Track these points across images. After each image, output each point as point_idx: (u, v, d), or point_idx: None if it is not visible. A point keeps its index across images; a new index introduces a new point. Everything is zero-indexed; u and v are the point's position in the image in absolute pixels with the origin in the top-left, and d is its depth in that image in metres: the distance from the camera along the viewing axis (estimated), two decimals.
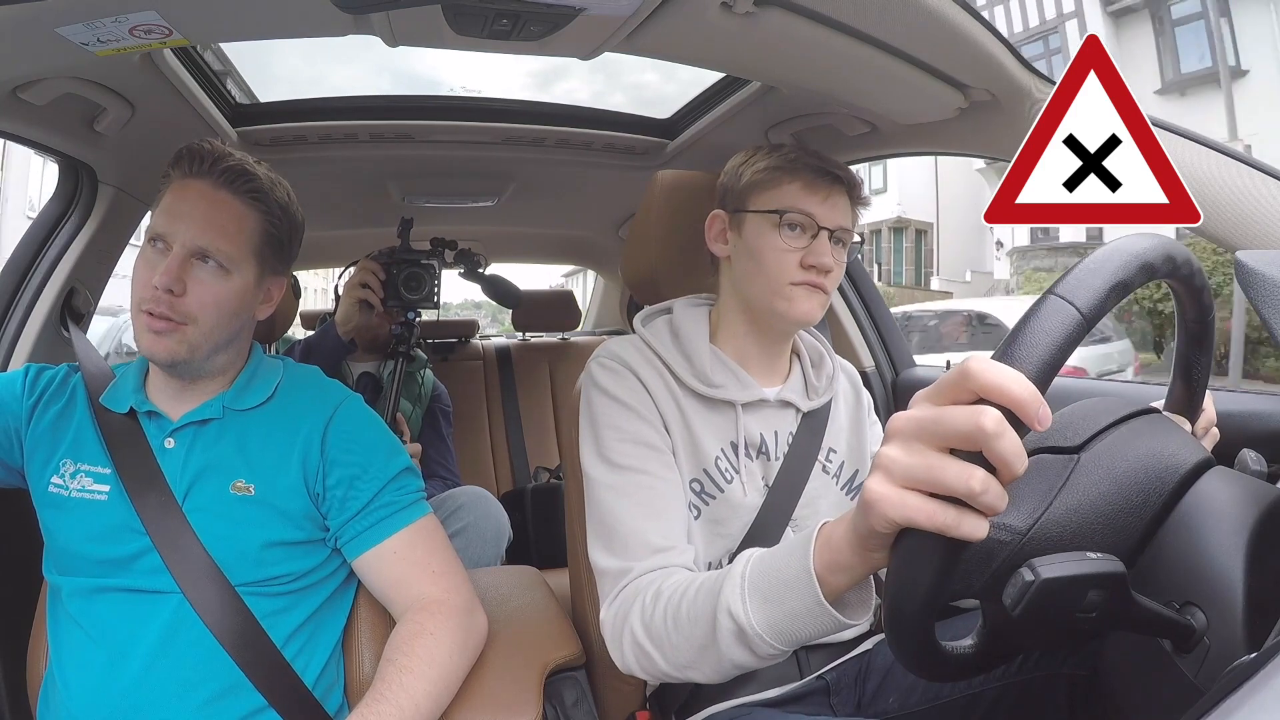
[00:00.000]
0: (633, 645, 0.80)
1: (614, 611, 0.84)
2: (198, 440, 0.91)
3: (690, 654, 0.75)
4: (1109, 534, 0.54)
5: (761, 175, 0.95)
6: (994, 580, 0.52)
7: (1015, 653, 0.64)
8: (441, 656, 0.86)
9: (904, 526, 0.48)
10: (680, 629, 0.75)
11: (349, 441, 0.93)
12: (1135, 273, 0.48)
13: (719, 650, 0.71)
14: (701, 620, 0.73)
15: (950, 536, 0.46)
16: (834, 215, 0.94)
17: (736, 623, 0.69)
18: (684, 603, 0.76)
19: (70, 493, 0.89)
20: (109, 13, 0.81)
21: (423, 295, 1.71)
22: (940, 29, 0.89)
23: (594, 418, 0.93)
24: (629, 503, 0.87)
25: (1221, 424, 0.72)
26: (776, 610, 0.66)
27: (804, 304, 0.93)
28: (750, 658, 0.71)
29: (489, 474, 2.29)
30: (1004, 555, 0.52)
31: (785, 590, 0.65)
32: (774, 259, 0.93)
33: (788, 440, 0.98)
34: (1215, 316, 0.61)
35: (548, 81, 12.76)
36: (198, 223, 0.87)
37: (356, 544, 0.91)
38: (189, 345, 0.88)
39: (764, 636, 0.67)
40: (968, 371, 0.45)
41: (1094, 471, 0.55)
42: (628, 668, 0.83)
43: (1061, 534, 0.53)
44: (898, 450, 0.48)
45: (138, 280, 0.88)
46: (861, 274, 1.76)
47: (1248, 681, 0.33)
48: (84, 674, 0.84)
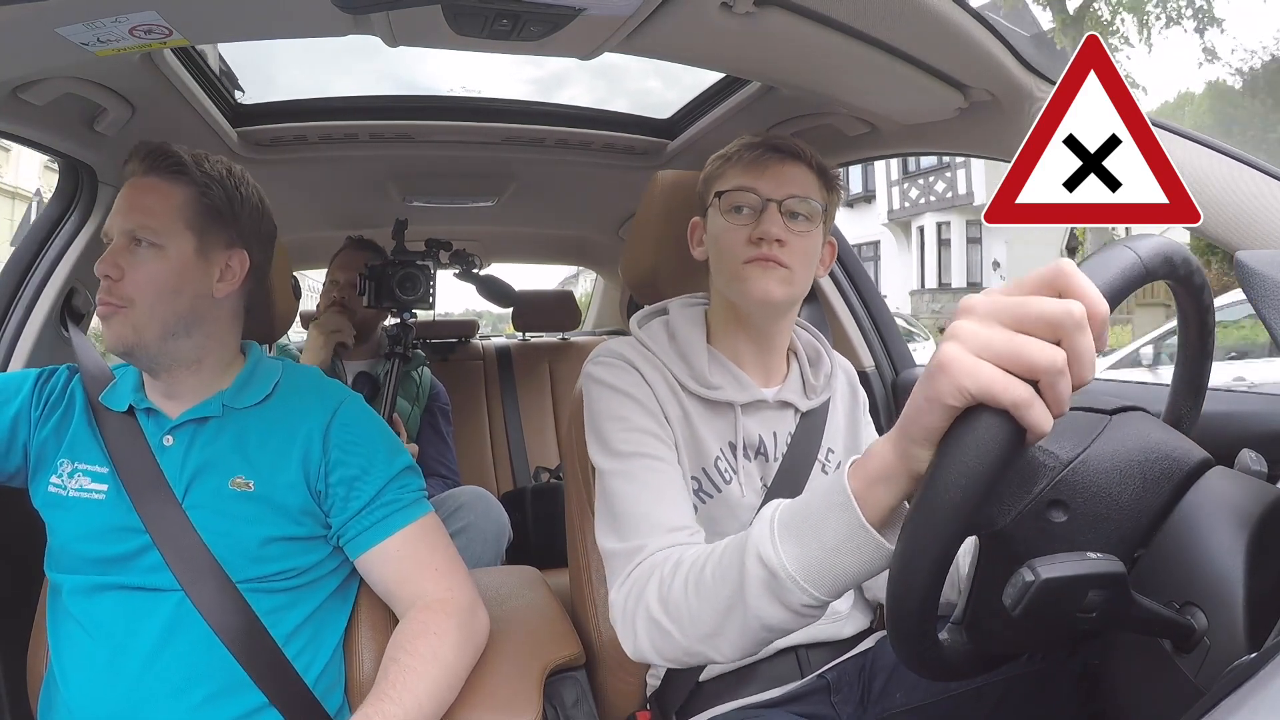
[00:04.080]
0: (647, 624, 0.75)
1: (625, 591, 0.80)
2: (197, 437, 0.91)
3: (713, 621, 0.69)
4: (1140, 491, 0.54)
5: (712, 167, 0.97)
6: (1021, 519, 0.51)
7: (1015, 653, 0.64)
8: (445, 655, 0.86)
9: (977, 397, 0.46)
10: (703, 593, 0.70)
11: (351, 440, 0.93)
12: (1159, 265, 0.51)
13: (746, 609, 0.66)
14: (728, 577, 0.67)
15: (1017, 420, 0.45)
16: (780, 186, 0.91)
17: (767, 567, 0.63)
18: (708, 565, 0.71)
19: (68, 492, 0.89)
20: (109, 13, 0.81)
21: (418, 296, 1.73)
22: (940, 29, 0.89)
23: (596, 412, 0.92)
24: (638, 487, 0.85)
25: (1221, 424, 0.72)
26: (812, 546, 0.61)
27: (760, 282, 0.90)
28: (782, 613, 0.64)
29: (489, 474, 2.29)
30: (1044, 483, 0.52)
31: (820, 521, 0.60)
32: (726, 241, 0.93)
33: (786, 441, 0.98)
34: (1215, 316, 0.61)
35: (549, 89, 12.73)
36: (125, 209, 0.90)
37: (359, 542, 0.91)
38: (133, 327, 0.88)
39: (798, 580, 0.61)
40: (1061, 268, 0.46)
41: (1126, 431, 0.56)
42: (640, 652, 0.78)
43: (1096, 480, 0.53)
44: (974, 324, 0.47)
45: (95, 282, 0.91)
46: (861, 274, 1.76)
47: (1248, 681, 0.33)
48: (85, 672, 0.84)
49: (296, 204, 1.95)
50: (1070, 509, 0.51)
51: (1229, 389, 1.04)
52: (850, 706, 0.95)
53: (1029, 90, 0.98)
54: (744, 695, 0.93)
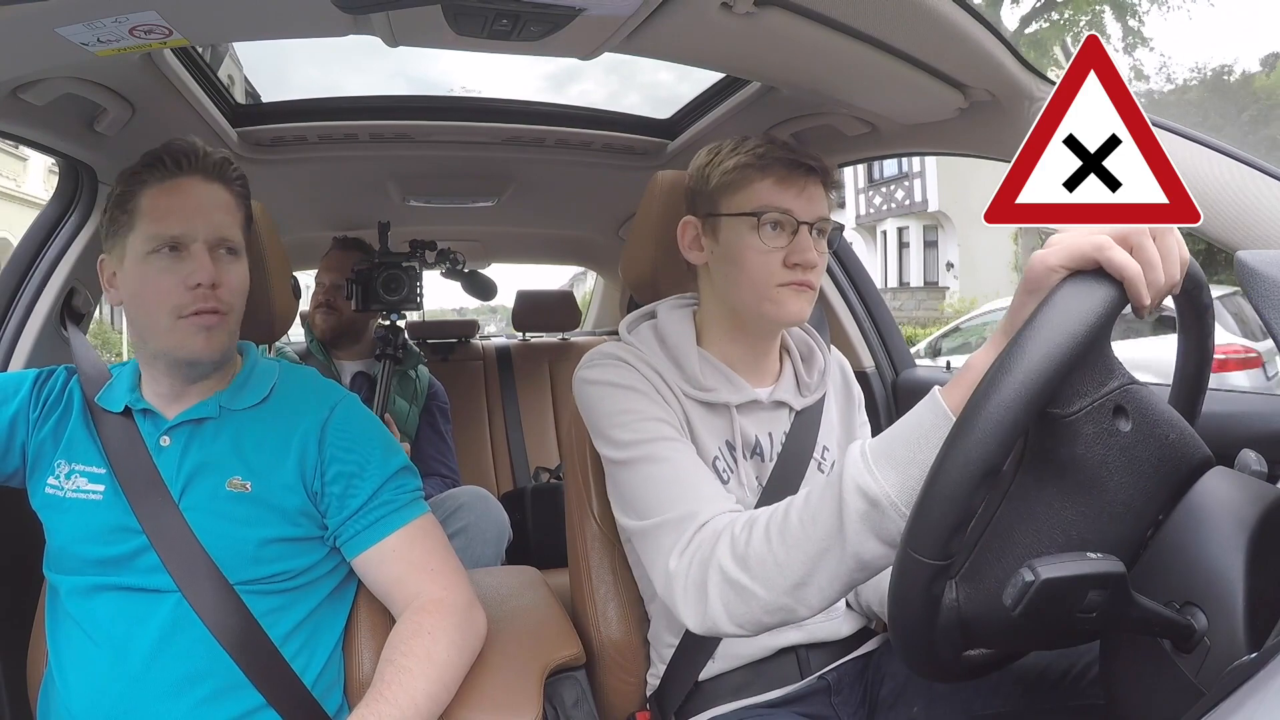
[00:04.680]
0: (721, 586, 0.72)
1: (688, 559, 0.76)
2: (194, 438, 0.91)
3: (804, 567, 0.67)
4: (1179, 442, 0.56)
5: (731, 175, 0.91)
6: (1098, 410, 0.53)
7: (1015, 653, 0.64)
8: (440, 655, 0.86)
9: (1067, 260, 0.53)
10: (790, 541, 0.68)
11: (347, 440, 0.93)
12: None
13: (844, 545, 0.64)
14: (820, 517, 0.66)
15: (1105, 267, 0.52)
16: (812, 207, 0.90)
17: (868, 497, 0.62)
18: (792, 512, 0.69)
19: (65, 493, 0.89)
20: (109, 13, 0.81)
21: (402, 297, 1.74)
22: (940, 29, 0.89)
23: (600, 412, 0.90)
24: (669, 465, 0.83)
25: (1221, 424, 0.72)
26: (912, 470, 0.60)
27: (793, 304, 0.90)
28: (880, 547, 0.63)
29: (489, 474, 2.29)
30: (1117, 382, 0.54)
31: (919, 443, 0.60)
32: (757, 262, 0.89)
33: (781, 441, 0.98)
34: (1214, 316, 0.61)
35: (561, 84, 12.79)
36: (209, 215, 0.89)
37: (356, 542, 0.91)
38: (229, 333, 0.91)
39: (899, 505, 0.61)
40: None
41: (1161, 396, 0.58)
42: (710, 620, 0.74)
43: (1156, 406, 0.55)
44: (1064, 233, 0.55)
45: (161, 290, 0.87)
46: (861, 274, 1.76)
47: (1248, 681, 0.33)
48: (83, 672, 0.84)
49: (296, 204, 1.95)
50: (1133, 420, 0.53)
51: (1229, 389, 1.03)
52: (850, 708, 0.95)
53: (1029, 90, 0.98)
54: (744, 696, 0.93)
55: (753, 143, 0.92)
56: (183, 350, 0.88)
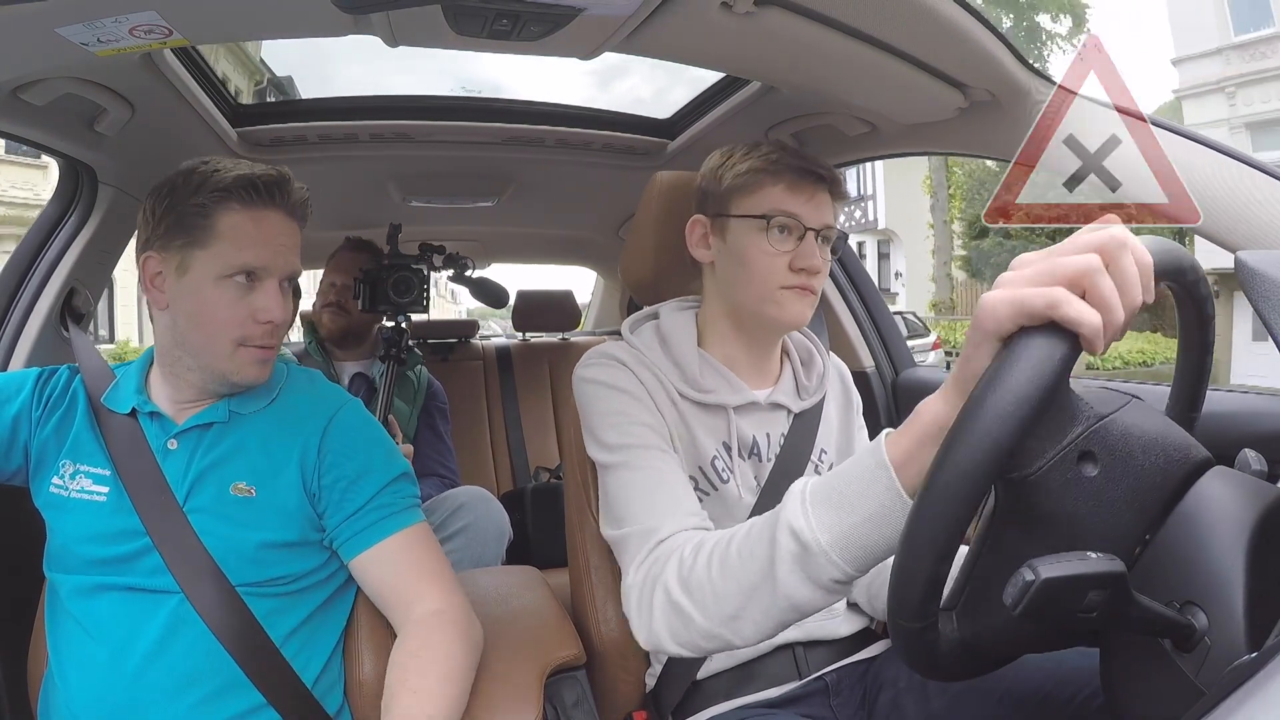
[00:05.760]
0: (665, 606, 0.74)
1: (642, 574, 0.78)
2: (201, 442, 0.91)
3: (738, 600, 0.68)
4: (1162, 465, 0.54)
5: (743, 179, 0.92)
6: (1061, 461, 0.51)
7: (1015, 653, 0.63)
8: (454, 671, 0.86)
9: (1016, 316, 0.48)
10: (728, 571, 0.69)
11: (349, 443, 0.93)
12: (1169, 267, 0.52)
13: (774, 585, 0.65)
14: (757, 552, 0.67)
15: (1059, 321, 0.47)
16: (819, 215, 0.92)
17: (799, 540, 0.62)
18: (734, 543, 0.70)
19: (70, 493, 0.89)
20: (109, 13, 0.81)
21: (411, 299, 1.75)
22: (940, 29, 0.89)
23: (593, 410, 0.92)
24: (644, 474, 0.86)
25: (1221, 424, 0.72)
26: (846, 517, 0.60)
27: (794, 307, 0.92)
28: (810, 590, 0.64)
29: (489, 474, 2.29)
30: (1083, 428, 0.51)
31: (856, 492, 0.60)
32: (762, 264, 0.91)
33: (779, 442, 0.98)
34: (1215, 318, 0.61)
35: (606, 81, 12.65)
36: (287, 253, 0.91)
37: (353, 544, 0.91)
38: (272, 362, 0.93)
39: (829, 553, 0.61)
40: (1108, 221, 0.50)
41: (1146, 413, 0.56)
42: (654, 638, 0.76)
43: (1126, 443, 0.53)
44: (1014, 271, 0.50)
45: (228, 318, 0.87)
46: (861, 274, 1.76)
47: (1248, 681, 0.33)
48: (84, 672, 0.84)
49: None
50: (1100, 464, 0.51)
51: (1229, 389, 1.03)
52: (850, 710, 0.95)
53: (1029, 90, 0.98)
54: (742, 695, 0.93)
55: (766, 148, 0.94)
56: (237, 375, 0.89)
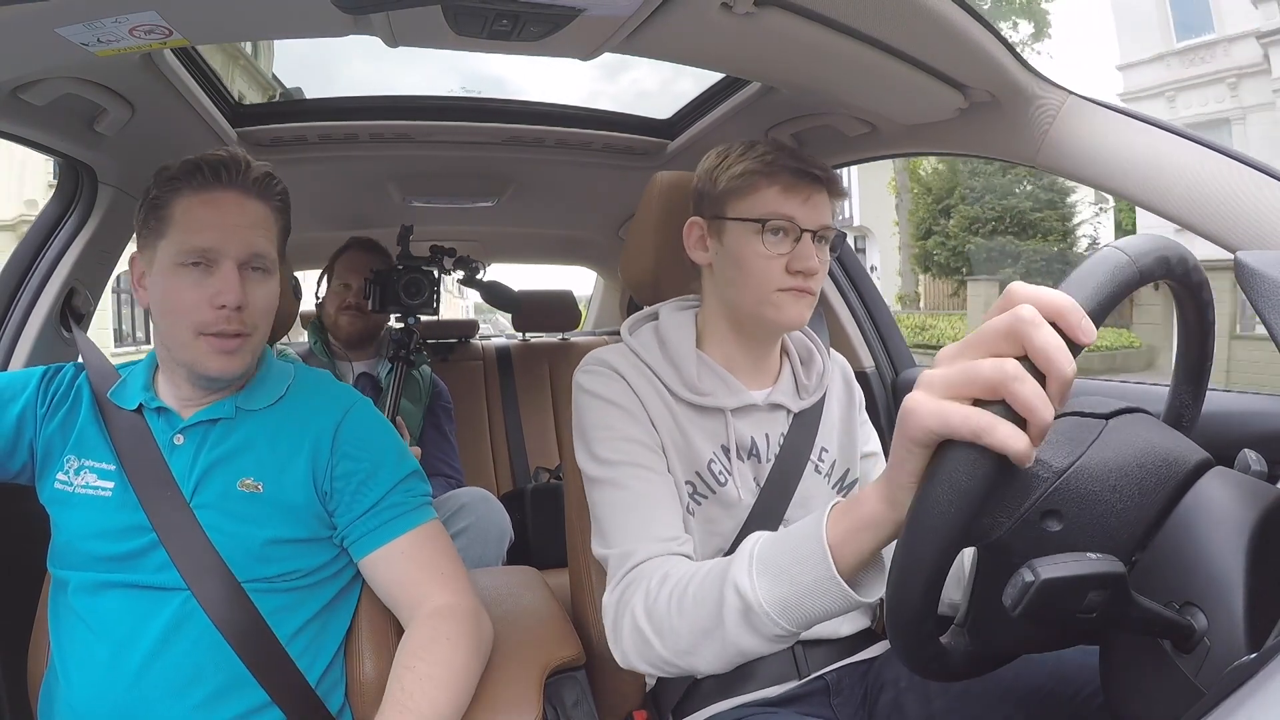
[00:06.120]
0: (632, 631, 0.79)
1: (616, 596, 0.83)
2: (207, 438, 0.91)
3: (692, 639, 0.73)
4: (1137, 496, 0.53)
5: (738, 181, 0.92)
6: (1022, 525, 0.51)
7: (1015, 653, 0.63)
8: (461, 662, 0.86)
9: (940, 434, 0.47)
10: (684, 612, 0.74)
11: (360, 442, 0.93)
12: (1153, 265, 0.51)
13: (724, 633, 0.70)
14: (707, 601, 0.71)
15: (987, 445, 0.45)
16: (815, 215, 0.91)
17: (744, 599, 0.68)
18: (690, 585, 0.75)
19: (74, 489, 0.89)
20: (109, 13, 0.81)
21: (422, 300, 1.76)
22: (940, 29, 0.89)
23: (584, 421, 0.93)
24: (626, 493, 0.87)
25: (1221, 424, 0.72)
26: (786, 586, 0.65)
27: (792, 309, 0.92)
28: (755, 640, 0.69)
29: (489, 474, 2.29)
30: (1037, 494, 0.51)
31: (796, 564, 0.64)
32: (759, 266, 0.90)
33: (778, 442, 0.98)
34: (1215, 315, 0.61)
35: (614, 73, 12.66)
36: (243, 233, 0.87)
37: (364, 543, 0.91)
38: (251, 353, 0.90)
39: (770, 614, 0.66)
40: (1008, 290, 0.48)
41: (1123, 435, 0.55)
42: (625, 658, 0.81)
43: (1091, 488, 0.52)
44: (937, 370, 0.49)
45: (185, 304, 0.86)
46: (861, 273, 1.76)
47: (1248, 681, 0.33)
48: (87, 669, 0.84)
49: (296, 204, 1.94)
50: (1065, 518, 0.51)
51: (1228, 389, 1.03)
52: (850, 709, 0.95)
53: (1029, 90, 0.98)
54: (741, 694, 0.93)
55: (761, 149, 0.93)
56: (200, 366, 0.88)
